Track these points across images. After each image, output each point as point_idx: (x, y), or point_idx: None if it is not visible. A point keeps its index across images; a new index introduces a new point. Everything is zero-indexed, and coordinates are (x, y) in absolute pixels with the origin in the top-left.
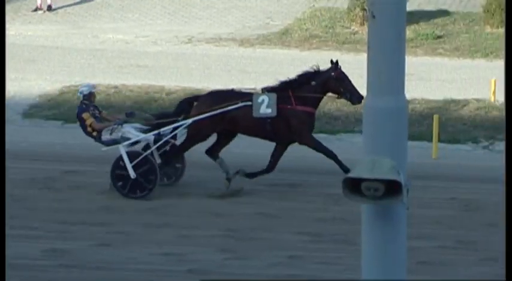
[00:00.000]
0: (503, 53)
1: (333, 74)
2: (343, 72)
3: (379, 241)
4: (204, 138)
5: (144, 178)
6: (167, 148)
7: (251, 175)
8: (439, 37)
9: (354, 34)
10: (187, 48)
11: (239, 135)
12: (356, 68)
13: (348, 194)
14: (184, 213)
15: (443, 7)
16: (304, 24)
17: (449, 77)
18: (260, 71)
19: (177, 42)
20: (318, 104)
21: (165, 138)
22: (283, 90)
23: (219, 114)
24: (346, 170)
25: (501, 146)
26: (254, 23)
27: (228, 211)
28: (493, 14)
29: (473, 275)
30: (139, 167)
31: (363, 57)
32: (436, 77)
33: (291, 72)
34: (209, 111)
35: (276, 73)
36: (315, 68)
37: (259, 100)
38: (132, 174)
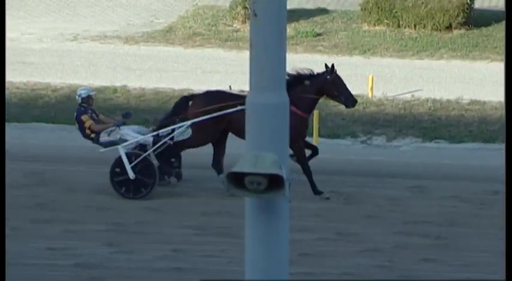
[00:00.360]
0: (379, 50)
1: (328, 77)
2: (339, 77)
3: (262, 233)
4: (208, 138)
5: (143, 177)
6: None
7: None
8: (319, 35)
9: (236, 32)
10: (72, 46)
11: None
12: (239, 65)
13: (232, 188)
14: (71, 208)
15: (322, 5)
16: (188, 22)
17: None
18: (145, 68)
19: (62, 40)
20: (314, 108)
21: (163, 140)
22: None
23: (220, 116)
24: (317, 192)
25: (379, 140)
26: (139, 21)
27: (115, 205)
28: (370, 12)
29: (352, 266)
30: (138, 168)
31: (246, 54)
32: None
33: (176, 70)
34: (206, 111)
35: (161, 70)
36: (309, 70)
37: None
38: (131, 175)
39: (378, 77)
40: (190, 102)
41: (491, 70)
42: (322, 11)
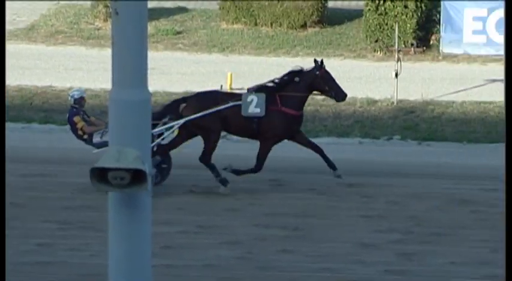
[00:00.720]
0: (237, 47)
1: (317, 73)
2: (327, 72)
3: (125, 227)
4: (218, 133)
5: None
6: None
7: (237, 172)
8: (179, 33)
9: (98, 30)
10: None
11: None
12: (101, 63)
13: (96, 183)
14: None
15: (182, 4)
16: (50, 20)
17: (189, 71)
18: (8, 65)
19: None
20: (304, 104)
21: (156, 141)
22: (269, 91)
23: (215, 113)
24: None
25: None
26: None
27: None
28: (228, 11)
29: (213, 258)
30: None
31: (108, 52)
32: (176, 71)
33: (38, 67)
34: (200, 112)
35: (24, 68)
36: (299, 67)
37: (249, 99)
38: None
39: (237, 73)
40: (181, 105)
41: (344, 67)
42: (182, 10)
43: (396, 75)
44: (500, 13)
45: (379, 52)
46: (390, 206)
